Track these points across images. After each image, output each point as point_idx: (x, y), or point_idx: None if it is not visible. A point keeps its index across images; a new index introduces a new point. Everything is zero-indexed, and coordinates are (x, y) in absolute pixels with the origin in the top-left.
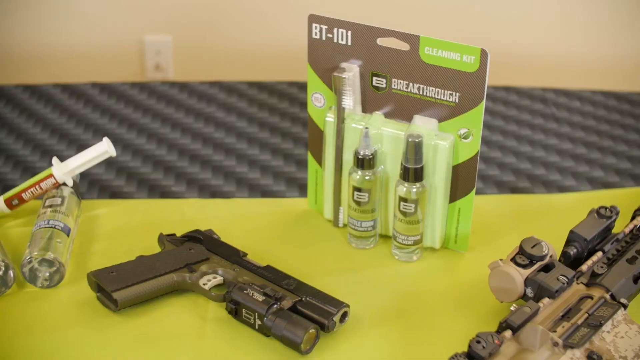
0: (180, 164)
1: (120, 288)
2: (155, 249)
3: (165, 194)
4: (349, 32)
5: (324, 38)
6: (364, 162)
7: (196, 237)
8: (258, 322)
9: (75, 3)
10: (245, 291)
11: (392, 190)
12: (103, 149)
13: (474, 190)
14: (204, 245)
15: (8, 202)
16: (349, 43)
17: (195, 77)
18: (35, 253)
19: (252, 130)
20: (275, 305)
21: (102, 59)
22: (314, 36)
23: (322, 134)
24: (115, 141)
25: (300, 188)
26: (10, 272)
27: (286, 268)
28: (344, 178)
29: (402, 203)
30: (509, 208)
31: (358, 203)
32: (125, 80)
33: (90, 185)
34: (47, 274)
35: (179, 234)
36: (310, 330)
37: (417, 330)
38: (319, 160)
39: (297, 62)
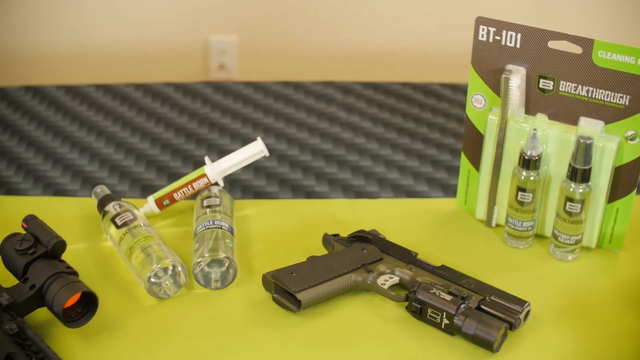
0: (317, 164)
1: (303, 289)
2: (316, 249)
3: (310, 194)
4: (518, 35)
5: (491, 40)
6: (530, 163)
7: (365, 238)
8: (445, 321)
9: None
10: (431, 291)
11: (553, 190)
12: (257, 149)
13: (634, 191)
14: (374, 245)
15: (159, 202)
16: (518, 45)
17: (259, 78)
18: (207, 254)
19: (378, 131)
20: (463, 305)
21: (167, 59)
22: (480, 38)
23: (480, 135)
24: (244, 141)
25: (443, 188)
26: (182, 273)
27: None
28: (502, 178)
29: (568, 203)
30: None
31: (521, 203)
32: (189, 80)
33: (231, 184)
34: (219, 275)
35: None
36: (502, 329)
37: (593, 328)
38: (473, 161)
39: (364, 63)
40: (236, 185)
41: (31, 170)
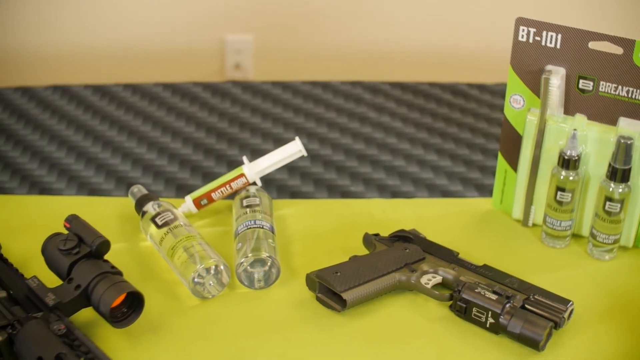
0: (350, 164)
1: (349, 288)
2: (357, 248)
3: (346, 193)
4: (559, 36)
5: (530, 41)
6: (569, 163)
7: (406, 237)
8: (490, 320)
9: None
10: (476, 290)
11: (591, 190)
12: (296, 149)
13: None
14: (416, 244)
15: (197, 202)
16: (558, 46)
17: (275, 77)
18: (250, 254)
19: (409, 131)
20: (509, 304)
21: (182, 58)
22: (520, 38)
23: (518, 135)
24: (276, 140)
25: (477, 188)
26: (225, 273)
27: None
28: (540, 178)
29: (607, 203)
30: None
31: (560, 203)
32: (203, 80)
33: (266, 184)
34: (262, 274)
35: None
36: (548, 328)
37: (636, 327)
38: (510, 161)
39: (381, 62)
40: (271, 184)
41: (64, 169)
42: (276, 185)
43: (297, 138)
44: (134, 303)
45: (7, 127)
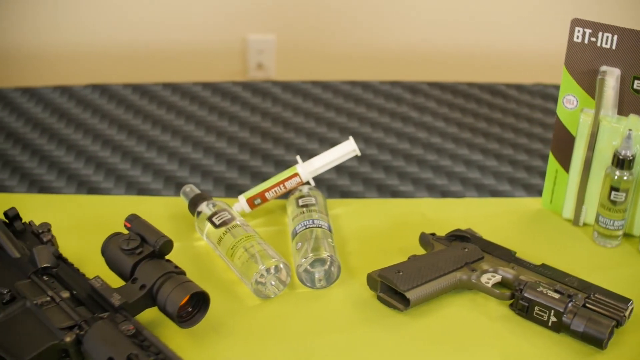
0: (397, 164)
1: (412, 287)
2: (412, 248)
3: (396, 193)
4: (615, 36)
5: (586, 42)
6: (624, 163)
7: (464, 236)
8: (553, 319)
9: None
10: (538, 289)
11: None
12: (350, 148)
13: None
14: (474, 244)
15: (250, 201)
16: (613, 47)
17: (297, 77)
18: (311, 254)
19: (452, 131)
20: (571, 303)
21: (204, 58)
22: (575, 39)
23: (570, 135)
24: (322, 140)
25: (525, 188)
26: (286, 272)
27: None
28: (592, 178)
29: None
30: None
31: (614, 202)
32: (228, 80)
33: (316, 184)
34: (322, 274)
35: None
36: (610, 327)
37: None
38: (562, 161)
39: (403, 63)
40: (321, 184)
41: (111, 169)
42: (326, 184)
43: (350, 138)
44: (199, 303)
45: (44, 125)
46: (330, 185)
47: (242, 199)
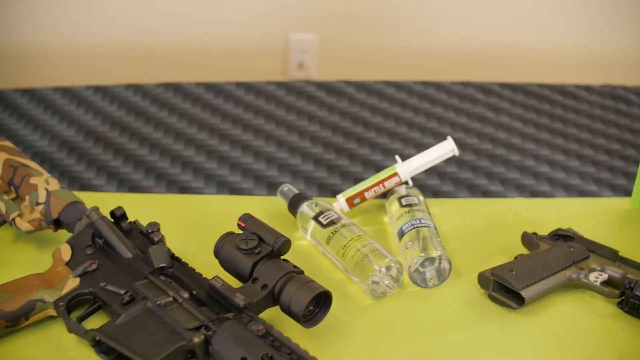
0: (482, 163)
1: (526, 286)
2: (513, 247)
3: (486, 192)
4: None
5: None
6: None
7: (567, 236)
8: None
9: None
10: None
11: None
12: (449, 148)
13: None
14: (578, 243)
15: (349, 201)
16: None
17: (338, 77)
18: (422, 254)
19: (531, 131)
20: None
21: (246, 58)
22: None
23: None
24: (403, 140)
25: (611, 188)
26: (398, 271)
27: None
28: None
29: None
30: None
31: None
32: (269, 79)
33: None
34: (434, 272)
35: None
36: None
37: None
38: None
39: (439, 63)
40: (414, 184)
41: (198, 168)
42: (417, 184)
43: (449, 137)
44: (320, 302)
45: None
46: (422, 185)
47: (341, 198)
